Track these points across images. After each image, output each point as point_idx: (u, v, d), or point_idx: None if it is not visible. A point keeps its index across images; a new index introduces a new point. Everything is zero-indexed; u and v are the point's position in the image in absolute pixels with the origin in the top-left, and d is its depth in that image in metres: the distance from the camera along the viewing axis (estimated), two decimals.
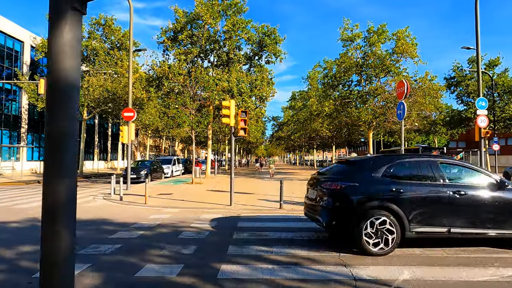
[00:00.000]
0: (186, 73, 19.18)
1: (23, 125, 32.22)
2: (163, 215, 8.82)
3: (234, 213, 9.15)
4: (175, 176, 27.04)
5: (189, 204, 10.90)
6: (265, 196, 12.99)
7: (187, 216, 8.77)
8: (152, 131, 48.49)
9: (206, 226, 7.37)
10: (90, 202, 11.70)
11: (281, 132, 59.21)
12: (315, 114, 32.52)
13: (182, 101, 17.98)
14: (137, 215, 8.88)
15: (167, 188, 16.48)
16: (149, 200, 11.78)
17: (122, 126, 16.15)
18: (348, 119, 24.09)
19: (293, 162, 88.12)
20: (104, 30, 29.93)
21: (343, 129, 28.90)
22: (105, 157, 49.31)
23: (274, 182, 19.82)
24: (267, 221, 7.92)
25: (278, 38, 23.09)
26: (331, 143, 41.75)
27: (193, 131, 19.11)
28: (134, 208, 10.33)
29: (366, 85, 24.02)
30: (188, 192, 14.57)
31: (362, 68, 23.30)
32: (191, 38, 21.80)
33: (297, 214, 9.00)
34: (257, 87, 21.24)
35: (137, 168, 21.39)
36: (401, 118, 10.35)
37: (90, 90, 27.03)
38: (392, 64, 22.29)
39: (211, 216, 8.65)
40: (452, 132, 42.13)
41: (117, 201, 11.69)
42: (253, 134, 39.12)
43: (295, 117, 48.90)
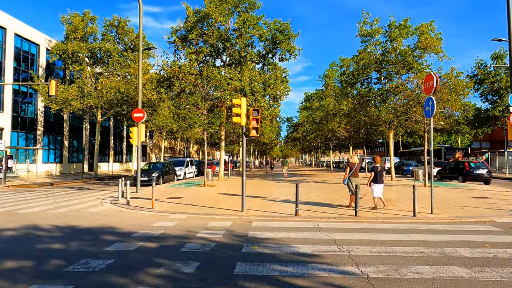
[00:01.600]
0: (197, 72, 18.55)
1: (39, 127, 32.47)
2: (168, 223, 8.13)
3: (245, 221, 8.37)
4: (188, 178, 26.53)
5: (198, 209, 10.19)
6: (279, 200, 12.16)
7: (194, 223, 8.05)
8: (167, 132, 48.44)
9: (213, 236, 6.62)
10: (97, 207, 11.17)
11: (296, 133, 58.14)
12: (331, 114, 31.46)
13: (193, 101, 17.36)
14: (141, 222, 8.22)
15: (177, 191, 15.87)
16: (157, 204, 11.15)
17: (132, 128, 15.65)
18: (367, 118, 22.94)
19: (308, 164, 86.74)
20: (117, 32, 29.82)
21: (362, 129, 27.69)
22: (120, 159, 49.55)
23: (289, 185, 18.96)
24: (282, 231, 7.10)
25: (291, 33, 22.18)
26: (348, 144, 40.42)
27: (205, 132, 18.47)
28: (140, 214, 9.70)
29: (386, 83, 22.84)
30: (199, 195, 13.89)
31: (382, 64, 22.13)
32: (201, 37, 21.20)
33: (315, 222, 8.13)
34: (270, 85, 20.40)
35: (148, 171, 20.93)
36: (429, 115, 9.33)
37: (104, 92, 26.89)
38: (415, 60, 21.04)
39: (220, 224, 7.90)
40: (476, 132, 40.14)
41: (124, 206, 11.11)
42: (267, 135, 38.24)
43: (310, 117, 47.79)
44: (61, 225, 8.03)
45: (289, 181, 22.30)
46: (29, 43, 31.36)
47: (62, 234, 7.06)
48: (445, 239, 6.31)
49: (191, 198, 12.95)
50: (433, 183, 18.48)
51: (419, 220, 8.40)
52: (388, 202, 11.65)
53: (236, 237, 6.58)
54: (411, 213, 9.35)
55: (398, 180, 23.36)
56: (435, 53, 20.58)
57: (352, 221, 8.29)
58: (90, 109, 29.51)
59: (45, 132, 33.27)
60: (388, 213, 9.39)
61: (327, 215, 9.10)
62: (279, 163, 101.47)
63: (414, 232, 7.01)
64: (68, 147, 36.84)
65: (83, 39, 28.74)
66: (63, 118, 35.78)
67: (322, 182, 21.29)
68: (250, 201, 11.83)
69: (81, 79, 28.31)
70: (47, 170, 33.26)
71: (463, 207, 10.41)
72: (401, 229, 7.28)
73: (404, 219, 8.51)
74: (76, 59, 28.65)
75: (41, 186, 20.87)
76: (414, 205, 8.82)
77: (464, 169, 20.57)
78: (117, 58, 28.60)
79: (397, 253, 5.37)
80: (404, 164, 32.18)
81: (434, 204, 9.72)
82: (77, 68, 28.16)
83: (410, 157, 44.18)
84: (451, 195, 13.50)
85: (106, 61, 30.10)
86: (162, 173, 21.06)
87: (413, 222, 8.14)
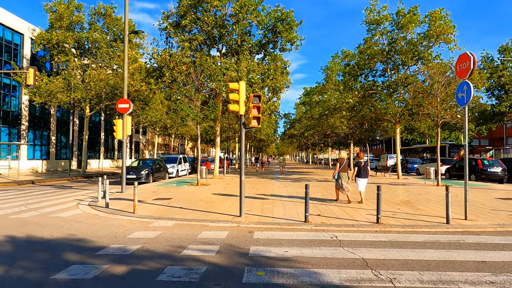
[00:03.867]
0: (190, 61, 16.91)
1: (23, 122, 30.60)
2: (149, 233, 6.57)
3: (244, 230, 6.83)
4: (181, 176, 24.92)
5: (188, 214, 8.64)
6: (282, 201, 10.65)
7: (181, 233, 6.50)
8: (161, 128, 46.74)
9: (204, 255, 5.08)
10: (70, 210, 9.57)
11: (294, 130, 56.61)
12: (332, 109, 29.93)
13: (185, 91, 15.74)
14: (116, 232, 6.65)
15: (167, 191, 14.29)
16: (141, 207, 9.58)
17: (116, 120, 14.02)
18: (372, 113, 21.47)
19: (305, 161, 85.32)
20: (105, 21, 28.02)
21: (364, 125, 26.24)
22: (112, 155, 47.71)
23: (289, 183, 17.46)
24: (293, 246, 5.57)
25: (293, 22, 20.60)
26: (348, 141, 39.04)
27: (198, 126, 16.87)
28: (118, 220, 8.12)
29: (391, 75, 21.38)
30: (191, 196, 12.33)
31: (389, 55, 20.66)
32: (195, 24, 19.55)
33: (331, 231, 6.61)
34: (269, 76, 18.82)
35: (137, 168, 19.30)
36: (464, 102, 7.85)
37: (91, 85, 25.15)
38: (424, 50, 19.59)
39: (214, 235, 6.35)
40: (480, 129, 38.87)
41: (102, 209, 9.52)
42: (264, 131, 36.65)
43: (309, 113, 46.26)
44: (16, 235, 6.44)
45: (290, 180, 20.80)
46: (12, 32, 29.42)
47: (11, 250, 5.48)
48: (509, 259, 4.83)
49: (182, 200, 11.39)
50: (442, 182, 17.23)
51: (456, 229, 6.92)
52: (408, 205, 10.17)
53: (234, 256, 5.04)
54: (440, 218, 7.89)
55: (405, 178, 21.96)
56: (446, 43, 19.16)
57: (376, 230, 6.79)
58: (78, 102, 27.72)
59: (30, 127, 31.39)
60: (413, 218, 7.92)
61: (342, 221, 7.60)
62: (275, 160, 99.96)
63: (461, 247, 5.53)
64: (56, 143, 35.00)
65: (68, 28, 26.92)
66: (50, 113, 33.93)
67: (325, 181, 19.83)
68: (248, 202, 10.29)
69: (67, 70, 26.52)
70: (33, 167, 31.45)
71: (496, 211, 8.96)
72: (442, 243, 5.79)
73: (437, 228, 7.03)
74: (62, 50, 26.85)
75: (21, 185, 19.16)
76: (447, 211, 7.34)
77: (477, 167, 19.21)
78: (105, 49, 26.80)
79: (459, 284, 3.87)
80: (409, 161, 30.84)
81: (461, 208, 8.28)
82: (63, 59, 26.34)
83: (411, 154, 42.93)
84: (473, 197, 12.07)
85: (94, 52, 28.30)
86: (152, 170, 19.44)
87: (451, 232, 6.66)
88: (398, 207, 9.61)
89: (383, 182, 19.32)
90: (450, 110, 15.48)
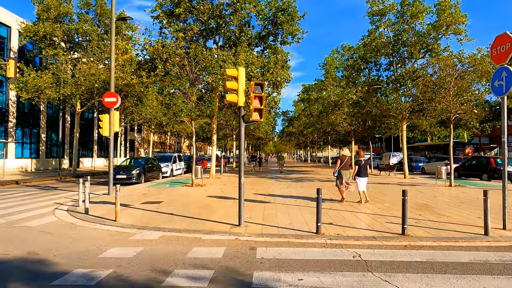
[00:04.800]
0: (184, 52, 15.64)
1: (11, 119, 29.18)
2: (128, 250, 5.35)
3: (245, 245, 5.63)
4: (176, 175, 23.67)
5: (179, 222, 7.43)
6: (285, 203, 9.47)
7: (167, 251, 5.29)
8: (156, 126, 45.45)
9: (193, 285, 3.88)
10: (45, 217, 8.33)
11: (292, 127, 55.43)
12: (333, 105, 28.74)
13: (179, 84, 14.50)
14: (88, 249, 5.43)
15: (159, 192, 13.06)
16: (125, 213, 8.35)
17: (102, 115, 12.76)
18: (377, 108, 20.30)
19: (303, 159, 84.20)
20: (96, 12, 26.64)
21: (368, 121, 25.07)
22: (106, 154, 46.30)
23: (290, 183, 16.27)
24: (308, 270, 4.38)
25: (295, 13, 19.34)
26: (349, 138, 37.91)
27: (193, 122, 15.63)
28: (95, 230, 6.89)
29: (397, 69, 20.21)
30: (184, 199, 11.11)
31: (395, 47, 19.49)
32: (191, 13, 18.28)
33: (350, 247, 5.43)
34: (269, 70, 17.59)
35: (128, 167, 18.05)
36: (503, 92, 6.68)
37: (82, 80, 23.80)
38: (433, 42, 18.43)
39: (208, 253, 5.15)
40: (484, 126, 37.96)
41: (81, 216, 8.30)
42: (263, 128, 35.42)
43: (308, 110, 45.10)
44: None
45: (291, 179, 19.62)
46: None
47: None
48: None
49: (174, 203, 10.17)
50: (454, 182, 16.08)
51: (499, 243, 5.75)
52: (428, 209, 9.02)
53: (233, 287, 3.84)
54: (472, 228, 6.74)
55: (411, 178, 20.84)
56: (456, 34, 18.03)
57: (404, 245, 5.61)
58: (68, 98, 26.35)
59: (18, 124, 29.98)
60: (441, 228, 6.76)
61: (360, 232, 6.43)
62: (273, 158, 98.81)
63: None
64: (46, 141, 33.60)
65: (57, 20, 25.54)
66: (40, 109, 32.53)
67: (328, 180, 18.67)
68: (248, 207, 9.09)
69: (56, 64, 25.15)
70: (21, 166, 30.07)
71: None
72: (495, 264, 4.61)
73: (476, 241, 5.86)
74: (51, 43, 25.47)
75: (4, 185, 17.84)
76: (486, 219, 6.18)
77: (490, 166, 18.13)
78: (96, 42, 25.42)
79: None
80: (413, 159, 29.74)
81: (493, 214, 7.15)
82: (51, 53, 24.95)
83: (413, 152, 41.87)
84: (496, 199, 10.93)
85: (85, 45, 26.91)
86: (144, 170, 18.19)
87: (496, 248, 5.49)
88: (418, 213, 8.44)
89: (389, 182, 18.19)
90: (468, 104, 14.33)
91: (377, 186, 15.59)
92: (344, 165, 10.10)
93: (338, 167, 10.10)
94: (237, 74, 6.93)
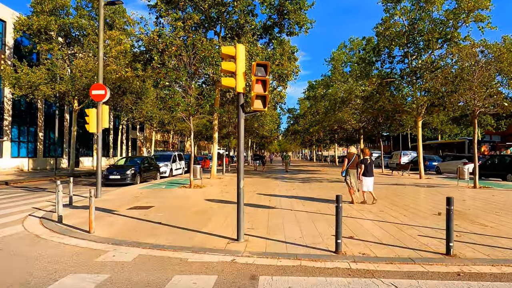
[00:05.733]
0: (182, 42, 14.30)
1: (6, 117, 28.13)
2: (87, 280, 4.02)
3: (243, 271, 4.28)
4: (176, 175, 22.39)
5: (164, 234, 6.11)
6: (293, 210, 8.11)
7: (138, 282, 3.96)
8: (158, 124, 44.31)
9: None
10: (10, 226, 7.07)
11: (297, 126, 53.94)
12: (340, 102, 27.26)
13: (175, 76, 13.19)
14: (33, 278, 4.11)
15: (152, 195, 11.76)
16: (105, 222, 7.05)
17: (89, 110, 11.49)
18: (390, 103, 18.83)
19: (309, 158, 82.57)
20: (93, 6, 25.45)
21: (379, 118, 23.58)
22: (107, 153, 45.23)
23: (297, 185, 14.91)
24: None
25: (303, 2, 17.88)
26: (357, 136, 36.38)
27: (191, 118, 14.31)
28: (60, 246, 5.59)
29: (411, 61, 18.70)
30: (179, 202, 9.80)
31: (410, 36, 17.98)
32: (190, 0, 16.95)
33: (386, 279, 4.05)
34: (275, 61, 16.20)
35: (123, 167, 16.81)
36: None
37: (78, 75, 22.62)
38: (452, 30, 16.90)
39: (194, 285, 3.81)
40: (499, 123, 36.14)
41: (52, 224, 7.03)
42: (268, 126, 33.94)
43: (314, 108, 43.60)
44: None
45: (297, 180, 18.24)
46: None
47: None
48: None
49: (166, 208, 8.87)
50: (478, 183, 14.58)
51: None
52: (464, 218, 7.59)
53: None
54: None
55: (428, 178, 19.33)
56: (477, 21, 16.48)
57: (455, 271, 4.23)
58: (64, 95, 25.20)
59: (14, 123, 28.92)
60: (492, 245, 5.35)
61: (390, 250, 5.05)
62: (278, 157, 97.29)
63: None
64: (44, 140, 32.56)
65: (52, 13, 24.39)
66: (37, 107, 31.48)
67: (337, 181, 17.23)
68: (250, 214, 7.75)
69: (51, 60, 24.00)
70: (17, 165, 29.04)
71: None
72: None
73: None
74: (46, 37, 24.33)
75: None
76: None
77: None
78: (93, 36, 24.23)
79: None
80: (426, 158, 28.13)
81: None
82: (45, 47, 23.78)
83: (424, 151, 40.18)
84: None
85: (81, 40, 25.73)
86: (140, 170, 16.93)
87: None
88: (455, 223, 7.03)
89: (404, 182, 16.73)
90: (498, 97, 12.82)
91: (392, 188, 14.16)
92: (352, 164, 9.65)
93: (346, 166, 9.64)
94: (235, 52, 5.59)
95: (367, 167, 9.52)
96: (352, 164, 9.66)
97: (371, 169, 9.58)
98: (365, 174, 9.52)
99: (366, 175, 9.51)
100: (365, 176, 9.52)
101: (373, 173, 9.64)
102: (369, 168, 9.53)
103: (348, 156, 9.92)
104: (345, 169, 9.64)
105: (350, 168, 9.63)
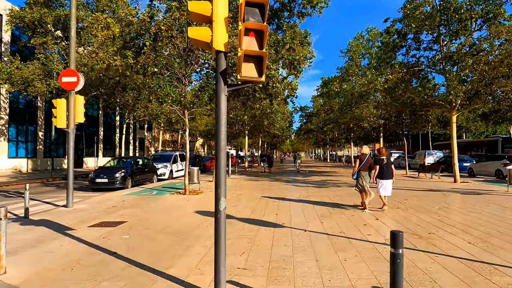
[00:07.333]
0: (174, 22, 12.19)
1: (3, 115, 26.71)
2: None
3: None
4: (176, 177, 20.32)
5: (109, 280, 3.92)
6: (307, 231, 5.81)
7: None
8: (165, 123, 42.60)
9: None
10: None
11: (310, 124, 51.32)
12: (357, 97, 24.71)
13: (165, 61, 11.10)
14: None
15: (135, 204, 9.61)
16: (39, 251, 4.90)
17: (56, 100, 9.45)
18: (421, 97, 16.24)
19: (322, 159, 79.58)
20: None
21: (403, 113, 20.98)
22: (112, 153, 43.75)
23: (312, 190, 12.55)
24: None
25: None
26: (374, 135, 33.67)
27: (186, 111, 12.16)
28: None
29: (443, 45, 16.03)
30: (158, 218, 7.61)
31: (444, 16, 15.35)
32: None
33: None
34: (285, 45, 13.90)
35: (111, 169, 14.78)
36: None
37: None
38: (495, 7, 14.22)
39: None
40: None
41: None
42: (279, 124, 31.59)
43: (328, 105, 40.97)
44: None
45: (311, 184, 15.85)
46: None
47: None
48: None
49: (138, 226, 6.70)
50: None
51: None
52: None
53: None
54: None
55: (464, 182, 16.64)
56: None
57: None
58: (60, 92, 23.52)
59: (12, 122, 27.49)
60: None
61: None
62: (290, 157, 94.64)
63: None
64: (44, 140, 31.11)
65: (46, 5, 22.78)
66: (37, 105, 30.04)
67: None
68: (247, 238, 5.45)
69: (45, 54, 22.34)
70: (15, 166, 27.61)
71: None
72: None
73: None
74: (42, 31, 22.71)
75: None
76: None
77: None
78: (90, 28, 22.41)
79: None
80: None
81: None
82: (39, 41, 22.09)
83: (448, 151, 37.08)
84: None
85: (80, 33, 23.99)
86: (131, 172, 14.87)
87: None
88: None
89: (439, 188, 14.12)
90: None
91: (429, 196, 11.63)
92: (364, 165, 8.82)
93: (358, 168, 8.85)
94: None
95: (383, 168, 8.54)
96: (364, 165, 8.82)
97: (388, 170, 8.56)
98: (381, 176, 8.53)
99: (381, 178, 8.53)
100: (381, 178, 8.54)
101: (391, 175, 8.53)
102: (385, 169, 8.54)
103: (360, 157, 9.03)
104: (357, 170, 8.81)
105: (362, 170, 8.79)
